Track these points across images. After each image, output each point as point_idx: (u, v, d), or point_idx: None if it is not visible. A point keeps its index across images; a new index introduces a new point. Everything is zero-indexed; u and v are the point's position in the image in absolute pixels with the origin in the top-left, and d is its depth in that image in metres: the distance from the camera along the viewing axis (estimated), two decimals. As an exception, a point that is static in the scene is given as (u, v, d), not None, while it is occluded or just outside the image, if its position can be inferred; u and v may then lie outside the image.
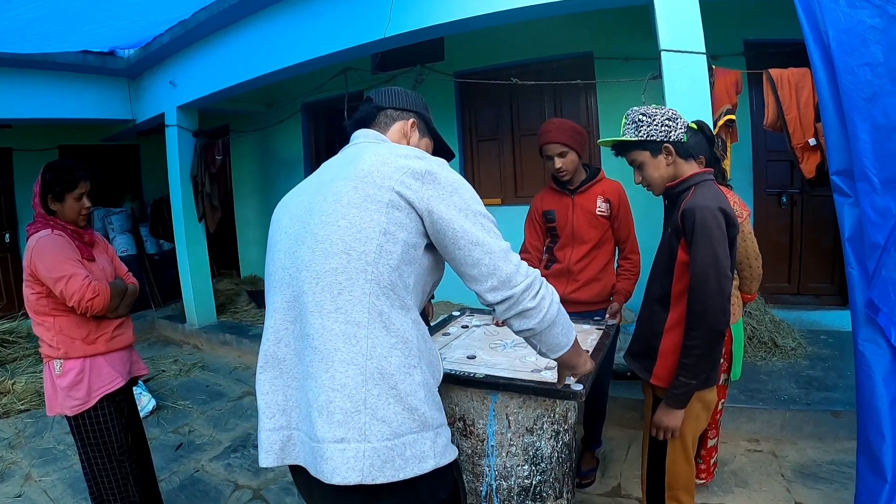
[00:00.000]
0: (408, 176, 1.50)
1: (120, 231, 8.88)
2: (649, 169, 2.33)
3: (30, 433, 4.96)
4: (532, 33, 5.54)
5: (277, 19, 5.60)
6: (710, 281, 2.07)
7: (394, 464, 1.39)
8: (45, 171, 2.82)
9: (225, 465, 4.19)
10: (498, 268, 1.50)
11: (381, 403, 1.41)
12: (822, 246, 5.60)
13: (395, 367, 1.44)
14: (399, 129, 1.87)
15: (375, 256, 1.44)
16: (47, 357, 2.84)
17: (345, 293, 1.44)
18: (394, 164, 1.52)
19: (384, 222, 1.45)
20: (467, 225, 1.50)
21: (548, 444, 2.20)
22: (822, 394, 4.08)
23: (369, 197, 1.47)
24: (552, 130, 3.27)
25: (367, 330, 1.43)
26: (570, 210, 3.40)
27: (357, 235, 1.45)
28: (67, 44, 6.29)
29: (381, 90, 1.93)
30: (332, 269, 1.45)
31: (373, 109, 1.88)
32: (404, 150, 1.60)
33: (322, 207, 1.52)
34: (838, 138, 2.63)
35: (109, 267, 3.04)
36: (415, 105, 1.93)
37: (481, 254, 1.50)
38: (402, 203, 1.48)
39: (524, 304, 1.53)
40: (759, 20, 5.12)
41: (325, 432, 1.40)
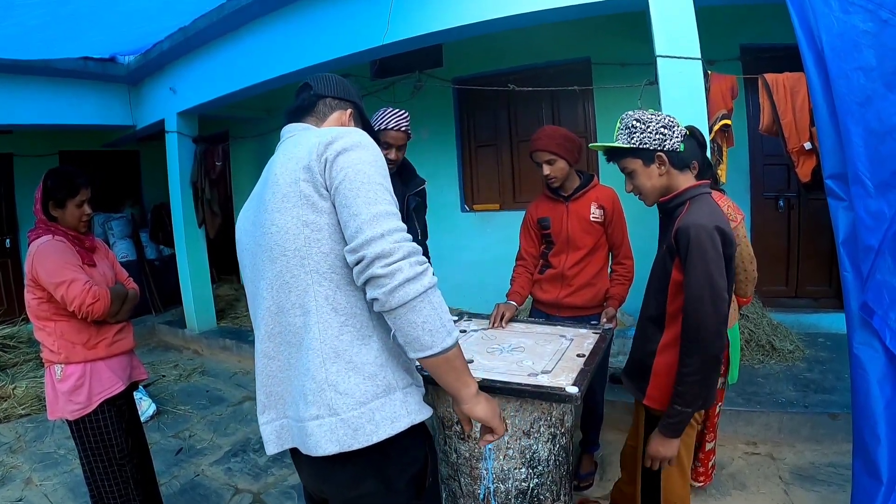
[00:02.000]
0: (309, 158, 1.52)
1: (120, 236, 8.88)
2: (641, 178, 2.25)
3: (30, 437, 4.97)
4: (530, 39, 5.56)
5: (276, 26, 5.62)
6: (705, 304, 2.00)
7: (364, 430, 1.49)
8: (46, 178, 2.85)
9: (225, 469, 4.20)
10: (360, 231, 1.43)
11: (341, 379, 1.51)
12: (819, 249, 5.61)
13: (349, 342, 1.53)
14: (337, 119, 1.85)
15: (306, 249, 1.52)
16: (48, 362, 2.86)
17: (293, 290, 1.55)
18: (297, 157, 1.56)
19: (302, 215, 1.52)
20: (342, 187, 1.48)
21: (545, 448, 2.22)
22: (819, 396, 4.09)
23: (284, 196, 1.54)
24: (542, 138, 3.27)
25: (317, 316, 1.52)
26: (565, 217, 3.40)
27: (285, 236, 1.54)
28: (68, 50, 6.30)
29: (320, 77, 1.91)
30: (278, 273, 1.57)
31: (312, 97, 1.85)
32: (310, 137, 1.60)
33: (260, 218, 1.62)
34: (832, 142, 2.64)
35: (110, 272, 3.06)
36: (352, 95, 1.92)
37: (347, 216, 1.47)
38: (310, 189, 1.51)
39: (372, 271, 1.40)
40: (754, 25, 5.15)
41: (304, 412, 1.52)
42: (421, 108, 6.79)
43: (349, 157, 1.51)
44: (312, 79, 1.90)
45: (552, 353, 2.55)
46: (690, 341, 2.04)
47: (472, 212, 7.16)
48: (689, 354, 2.05)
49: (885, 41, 2.48)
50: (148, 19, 5.59)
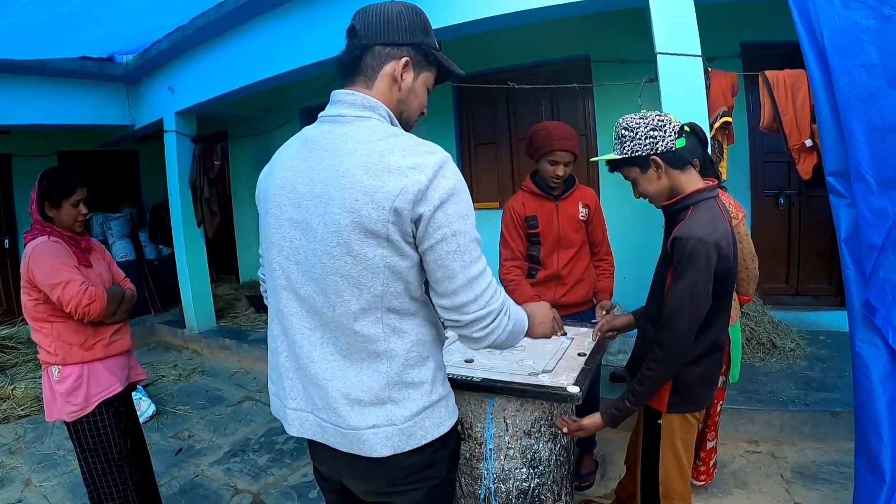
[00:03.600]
0: (401, 202, 1.41)
1: (119, 236, 8.86)
2: (643, 184, 2.22)
3: (30, 438, 4.97)
4: (529, 36, 5.55)
5: (274, 25, 5.61)
6: (682, 316, 2.02)
7: (416, 435, 1.58)
8: (41, 178, 2.84)
9: (225, 469, 4.19)
10: (456, 294, 1.50)
11: (401, 396, 1.56)
12: (820, 246, 5.60)
13: (411, 366, 1.57)
14: (388, 74, 1.61)
15: (383, 289, 1.49)
16: (45, 363, 2.85)
17: (360, 319, 1.51)
18: (387, 187, 1.41)
19: (386, 256, 1.46)
20: (438, 248, 1.47)
21: (545, 447, 2.20)
22: (820, 394, 4.09)
23: (368, 233, 1.44)
24: (569, 138, 3.26)
25: (385, 344, 1.54)
26: (555, 216, 3.41)
27: (364, 272, 1.47)
28: (66, 50, 6.29)
29: (367, 12, 1.63)
30: (346, 301, 1.50)
31: (356, 51, 1.61)
32: (398, 159, 1.44)
33: (324, 234, 1.49)
34: (834, 139, 2.63)
35: (107, 273, 3.05)
36: (410, 33, 1.62)
37: (443, 276, 1.50)
38: (397, 235, 1.45)
39: (467, 333, 1.57)
40: (755, 21, 5.13)
41: (358, 422, 1.55)
42: (420, 107, 6.78)
43: (447, 214, 1.45)
44: (358, 15, 1.64)
45: (553, 352, 2.54)
46: (662, 349, 2.07)
47: (472, 210, 7.09)
48: (658, 361, 2.08)
49: (888, 37, 2.46)
50: (146, 18, 5.57)
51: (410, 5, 1.65)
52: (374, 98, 1.59)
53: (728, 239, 2.07)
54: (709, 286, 2.01)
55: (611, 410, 2.21)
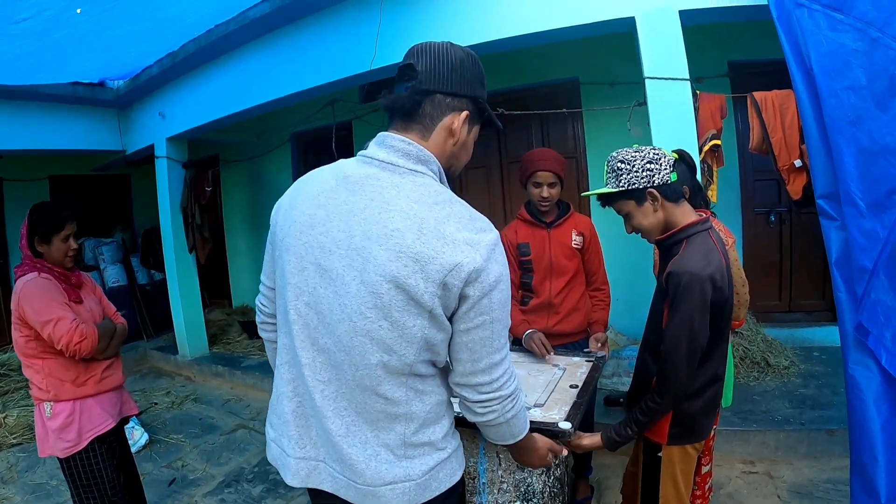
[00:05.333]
0: (452, 279, 1.38)
1: (111, 261, 8.83)
2: (638, 217, 2.20)
3: (22, 468, 4.93)
4: (518, 60, 5.55)
5: (265, 52, 5.63)
6: (679, 353, 2.01)
7: (431, 487, 1.57)
8: (31, 213, 2.84)
9: (219, 500, 4.16)
10: (475, 374, 1.52)
11: (418, 453, 1.56)
12: (811, 262, 5.62)
13: (430, 422, 1.57)
14: (447, 127, 1.54)
15: (415, 358, 1.47)
16: (37, 399, 2.85)
17: (385, 383, 1.48)
18: (440, 259, 1.36)
19: (426, 327, 1.43)
20: (475, 332, 1.46)
21: (539, 480, 2.19)
22: (815, 412, 4.09)
23: (412, 301, 1.39)
24: (549, 159, 3.27)
25: (406, 408, 1.52)
26: (547, 243, 3.40)
27: (398, 340, 1.43)
28: (57, 75, 6.30)
29: (429, 53, 1.52)
30: (373, 364, 1.46)
31: (416, 95, 1.50)
32: (453, 231, 1.40)
33: (359, 291, 1.42)
34: (823, 162, 2.65)
35: (97, 308, 3.04)
36: (470, 85, 1.55)
37: (467, 357, 1.50)
38: (440, 309, 1.41)
39: (470, 406, 1.59)
40: (743, 41, 5.16)
41: (374, 479, 1.52)
42: (411, 131, 6.79)
43: (493, 301, 1.44)
44: (419, 54, 1.53)
45: (545, 384, 2.53)
46: (663, 382, 2.08)
47: (462, 234, 7.06)
48: (661, 394, 2.09)
49: (876, 60, 2.48)
50: (136, 44, 5.59)
51: (471, 52, 1.59)
52: (429, 151, 1.52)
53: (723, 271, 2.07)
54: (705, 319, 2.01)
55: (611, 435, 2.22)
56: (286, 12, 5.12)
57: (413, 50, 1.55)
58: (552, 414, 2.18)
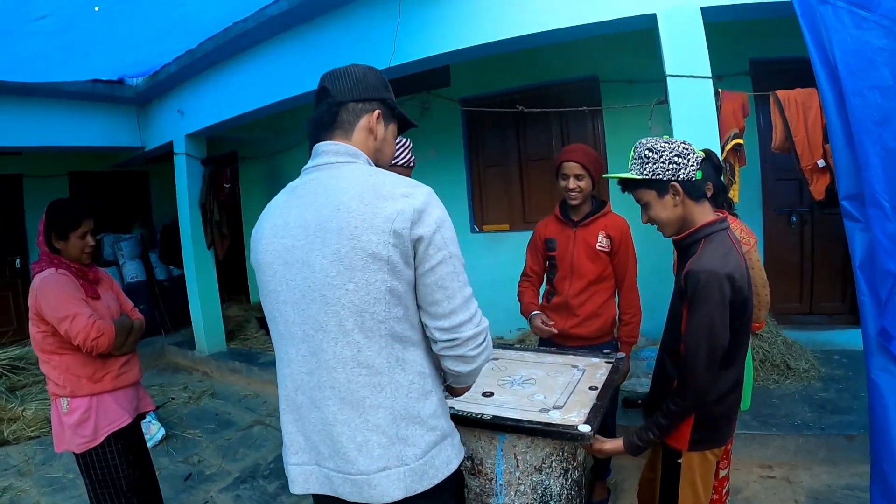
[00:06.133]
0: (400, 224, 1.53)
1: (129, 257, 8.90)
2: (656, 209, 2.18)
3: (39, 461, 4.98)
4: (537, 57, 5.53)
5: (283, 49, 5.65)
6: (699, 355, 1.99)
7: (428, 474, 1.63)
8: (48, 210, 2.85)
9: (234, 496, 4.17)
10: (455, 312, 1.61)
11: (410, 433, 1.61)
12: (833, 264, 5.55)
13: (415, 399, 1.63)
14: (364, 127, 1.77)
15: (385, 314, 1.56)
16: (54, 395, 2.86)
17: (364, 350, 1.57)
18: (383, 212, 1.53)
19: (387, 280, 1.54)
20: (440, 268, 1.58)
21: (557, 482, 2.17)
22: (835, 417, 4.03)
23: (370, 256, 1.52)
24: (576, 151, 3.25)
25: (389, 377, 1.60)
26: (572, 242, 3.35)
27: (366, 298, 1.54)
28: (77, 73, 6.36)
29: (336, 76, 1.78)
30: (349, 331, 1.57)
31: (332, 107, 1.74)
32: (391, 188, 1.59)
33: (322, 266, 1.57)
34: (847, 162, 2.60)
35: (115, 304, 3.05)
36: (376, 90, 1.80)
37: (443, 296, 1.59)
38: (397, 256, 1.53)
39: (464, 351, 1.64)
40: (764, 39, 5.10)
41: (367, 466, 1.58)
42: (429, 128, 6.78)
43: (445, 237, 1.59)
44: (329, 79, 1.78)
45: (564, 385, 2.51)
46: (683, 385, 2.06)
47: (481, 233, 7.12)
48: (682, 395, 2.06)
49: (903, 58, 2.43)
50: (155, 42, 5.62)
51: (370, 67, 1.84)
52: (355, 147, 1.75)
53: (742, 271, 2.04)
54: (725, 319, 1.99)
55: (633, 439, 2.19)
56: (304, 10, 5.13)
57: (323, 77, 1.80)
58: (571, 416, 2.15)
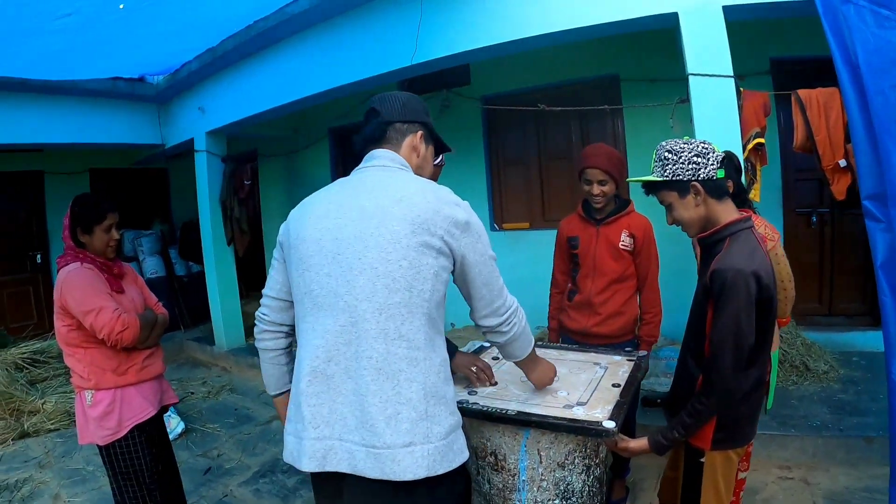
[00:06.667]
0: (454, 226, 1.75)
1: (149, 253, 8.99)
2: (679, 209, 2.18)
3: (59, 453, 5.03)
4: (558, 56, 5.53)
5: (304, 47, 5.67)
6: (726, 354, 1.98)
7: (447, 457, 1.70)
8: (73, 205, 2.89)
9: (253, 490, 4.20)
10: (494, 302, 1.90)
11: (438, 411, 1.71)
12: (853, 265, 5.50)
13: (443, 380, 1.76)
14: (409, 144, 1.98)
15: (430, 294, 1.73)
16: (78, 388, 2.88)
17: (406, 323, 1.70)
18: (443, 212, 1.74)
19: (436, 266, 1.73)
20: (484, 269, 1.85)
21: (579, 479, 2.18)
22: (854, 419, 4.01)
23: (425, 243, 1.70)
24: (600, 155, 3.22)
25: (425, 353, 1.72)
26: (594, 240, 3.35)
27: (417, 276, 1.70)
28: (98, 71, 6.42)
29: (385, 99, 1.99)
30: (396, 303, 1.69)
31: (381, 125, 1.95)
32: (446, 195, 1.80)
33: (378, 242, 1.70)
34: (869, 161, 2.59)
35: (139, 298, 3.08)
36: (419, 114, 2.02)
37: (487, 291, 1.88)
38: (447, 250, 1.75)
39: (502, 329, 1.95)
40: (785, 38, 5.08)
41: (394, 440, 1.64)
42: (449, 127, 6.79)
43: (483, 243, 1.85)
44: (378, 101, 2.00)
45: (587, 382, 2.51)
46: (709, 384, 2.05)
47: (501, 231, 7.12)
48: (707, 394, 2.05)
49: (925, 58, 2.42)
50: (176, 40, 5.66)
51: (412, 94, 2.07)
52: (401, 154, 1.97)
53: (767, 269, 2.04)
54: (751, 317, 1.98)
55: (658, 438, 2.19)
56: (325, 8, 5.16)
57: (372, 99, 2.01)
58: (595, 413, 2.16)
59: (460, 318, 7.07)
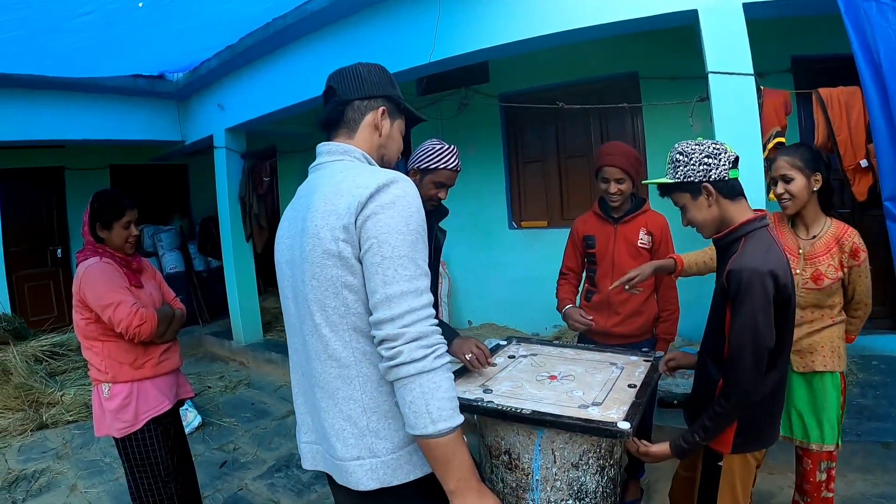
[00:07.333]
0: (348, 218, 1.51)
1: (169, 248, 9.06)
2: (692, 211, 2.17)
3: (77, 444, 5.11)
4: (577, 54, 5.51)
5: (322, 45, 5.68)
6: (744, 355, 1.96)
7: (403, 469, 1.61)
8: (93, 201, 2.92)
9: (268, 484, 4.23)
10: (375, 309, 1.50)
11: (381, 426, 1.61)
12: (873, 267, 5.37)
13: (388, 393, 1.59)
14: (370, 124, 1.78)
15: (344, 309, 1.57)
16: (96, 380, 2.91)
17: (330, 343, 1.60)
18: (338, 208, 1.53)
19: (341, 275, 1.54)
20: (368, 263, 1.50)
21: (593, 479, 2.17)
22: (872, 424, 3.96)
23: (325, 253, 1.54)
24: (617, 154, 3.19)
25: (357, 370, 1.60)
26: (612, 239, 3.32)
27: (325, 293, 1.57)
28: (118, 68, 6.47)
29: (342, 75, 1.80)
30: (317, 325, 1.60)
31: (338, 106, 1.77)
32: (350, 183, 1.56)
33: (300, 263, 1.63)
34: (891, 162, 2.57)
35: (157, 293, 3.11)
36: (380, 87, 1.81)
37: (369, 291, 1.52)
38: (348, 251, 1.52)
39: (379, 350, 1.51)
40: (806, 36, 5.03)
41: (344, 453, 1.62)
42: (467, 124, 6.80)
43: (378, 224, 1.49)
44: (335, 78, 1.81)
45: (602, 382, 2.50)
46: (729, 384, 2.03)
47: (519, 229, 7.11)
48: (727, 397, 2.03)
49: (947, 57, 2.40)
50: (196, 38, 5.69)
51: (375, 64, 1.86)
52: (350, 144, 1.76)
53: (784, 267, 2.02)
54: (769, 317, 1.96)
55: (680, 443, 2.17)
56: (343, 6, 5.17)
57: (330, 77, 1.84)
58: (610, 413, 2.15)
59: (477, 315, 7.12)
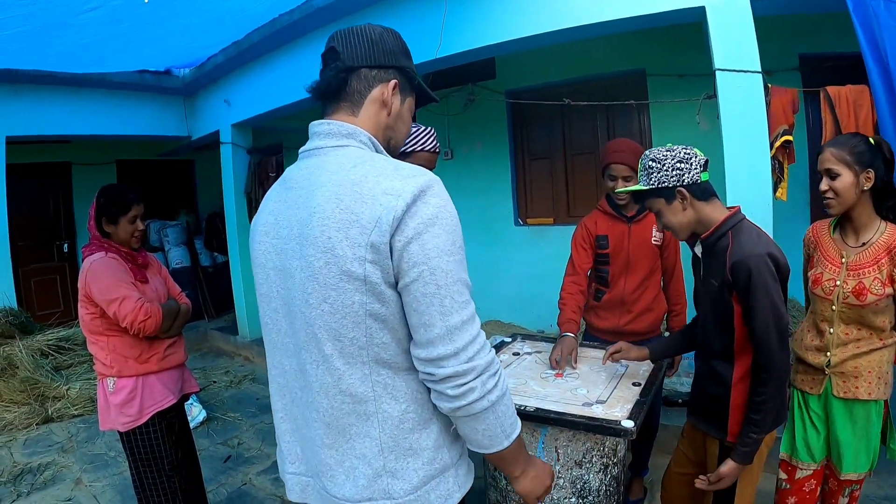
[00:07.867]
0: (378, 236, 1.26)
1: (175, 243, 9.07)
2: (667, 215, 2.24)
3: (82, 438, 5.11)
4: (584, 50, 5.48)
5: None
6: (772, 337, 2.00)
7: None
8: (99, 195, 2.92)
9: (272, 479, 4.22)
10: (433, 344, 1.30)
11: (400, 465, 1.39)
12: (882, 267, 5.40)
13: (409, 429, 1.40)
14: (377, 99, 1.49)
15: (366, 340, 1.33)
16: (101, 375, 2.91)
17: (345, 377, 1.36)
18: (361, 219, 1.27)
19: (367, 302, 1.30)
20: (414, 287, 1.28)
21: (596, 478, 2.17)
22: (879, 425, 3.93)
23: (344, 274, 1.28)
24: (625, 151, 3.14)
25: (376, 405, 1.37)
26: (626, 238, 3.27)
27: (342, 321, 1.32)
28: (125, 64, 6.47)
29: (349, 35, 1.49)
30: (328, 356, 1.36)
31: (341, 73, 1.47)
32: (372, 184, 1.29)
33: (301, 280, 1.36)
34: (900, 160, 2.55)
35: (163, 288, 3.11)
36: (394, 56, 1.51)
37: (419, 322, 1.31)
38: (377, 275, 1.28)
39: (442, 388, 1.32)
40: (814, 34, 4.99)
41: (353, 494, 1.40)
42: (474, 121, 6.78)
43: (425, 247, 1.26)
44: (338, 38, 1.50)
45: (607, 380, 2.50)
46: (764, 371, 2.04)
47: (525, 226, 7.10)
48: (764, 384, 2.04)
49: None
50: (202, 34, 5.68)
51: (388, 28, 1.55)
52: (354, 125, 1.46)
53: (777, 247, 2.08)
54: (781, 296, 2.02)
55: (739, 450, 2.13)
56: (349, 2, 5.16)
57: (332, 36, 1.52)
58: (614, 411, 2.14)
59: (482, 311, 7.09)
